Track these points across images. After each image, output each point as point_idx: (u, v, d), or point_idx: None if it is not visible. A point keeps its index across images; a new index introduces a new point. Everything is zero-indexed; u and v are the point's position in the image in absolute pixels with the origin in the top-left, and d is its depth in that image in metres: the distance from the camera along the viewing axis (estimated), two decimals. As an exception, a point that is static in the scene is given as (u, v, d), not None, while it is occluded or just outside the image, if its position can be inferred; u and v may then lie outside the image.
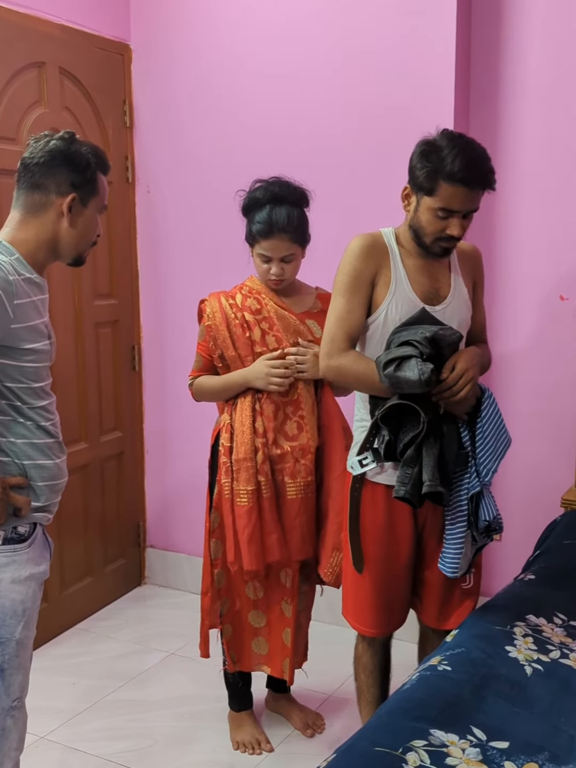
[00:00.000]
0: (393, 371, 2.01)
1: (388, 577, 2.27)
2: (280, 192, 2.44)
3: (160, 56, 3.47)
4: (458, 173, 2.01)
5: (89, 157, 1.85)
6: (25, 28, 3.02)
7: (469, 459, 2.13)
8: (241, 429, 2.45)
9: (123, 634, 3.42)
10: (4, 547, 1.80)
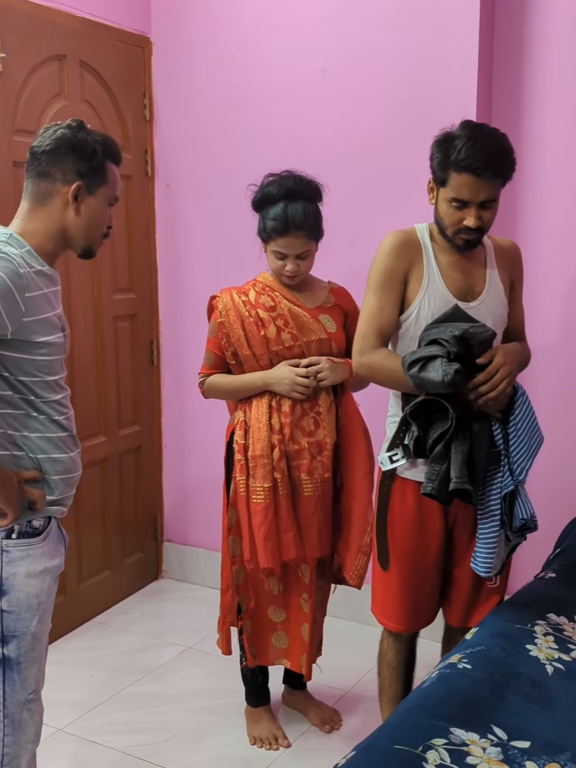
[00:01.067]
0: (417, 372, 1.99)
1: (416, 574, 2.25)
2: (294, 187, 2.41)
3: (181, 49, 3.46)
4: (463, 161, 2.00)
5: (95, 146, 1.83)
6: (46, 21, 3.02)
7: (501, 457, 2.11)
8: (258, 426, 2.43)
9: (140, 628, 3.42)
10: (19, 541, 1.79)
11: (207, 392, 2.56)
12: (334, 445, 2.49)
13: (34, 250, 1.78)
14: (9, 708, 1.79)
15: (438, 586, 2.32)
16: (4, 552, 1.77)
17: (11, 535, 1.78)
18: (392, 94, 3.04)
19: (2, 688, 1.78)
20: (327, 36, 3.14)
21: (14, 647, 1.79)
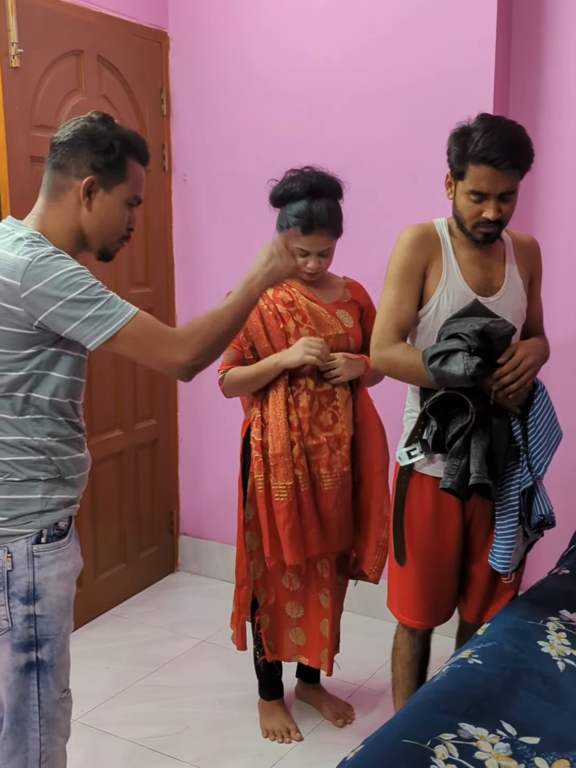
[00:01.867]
0: (438, 365, 1.99)
1: (434, 569, 2.25)
2: (317, 184, 2.41)
3: (198, 44, 3.47)
4: (481, 152, 1.99)
5: (114, 140, 1.75)
6: (64, 17, 3.03)
7: (520, 453, 2.10)
8: (276, 423, 2.43)
9: (155, 620, 3.44)
10: (49, 545, 1.77)
11: (226, 386, 2.53)
12: (352, 440, 2.50)
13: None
14: (44, 709, 1.79)
15: (456, 582, 2.32)
16: (35, 557, 1.75)
17: (41, 540, 1.76)
18: (410, 89, 3.03)
19: (37, 690, 1.78)
20: (345, 30, 3.13)
21: (48, 650, 1.78)
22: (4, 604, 1.74)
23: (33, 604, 1.75)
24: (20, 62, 2.83)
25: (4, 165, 2.85)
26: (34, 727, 1.79)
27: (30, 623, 1.75)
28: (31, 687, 1.77)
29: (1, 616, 1.74)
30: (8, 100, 2.83)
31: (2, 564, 1.73)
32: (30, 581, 1.74)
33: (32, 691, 1.78)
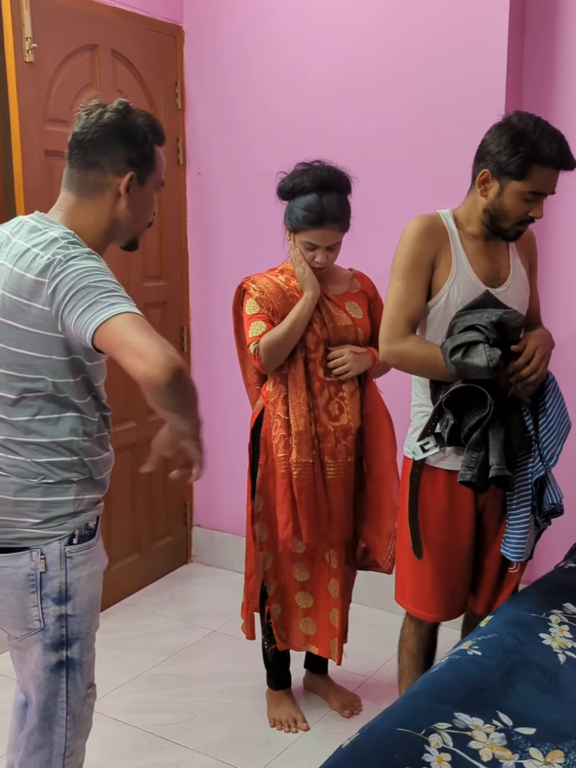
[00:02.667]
0: (460, 358, 1.99)
1: (449, 562, 2.26)
2: (328, 178, 2.41)
3: (213, 38, 3.48)
4: (555, 157, 2.01)
5: (146, 130, 1.73)
6: (78, 11, 3.06)
7: (532, 443, 2.11)
8: (298, 401, 2.45)
9: (168, 611, 3.48)
10: (81, 545, 1.78)
11: (265, 353, 2.42)
12: (358, 431, 2.51)
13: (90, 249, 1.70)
14: (71, 705, 1.82)
15: (470, 574, 2.32)
16: (67, 558, 1.76)
17: (73, 541, 1.76)
18: (421, 84, 3.03)
19: (66, 688, 1.80)
20: (359, 25, 3.13)
21: (77, 649, 1.80)
22: (36, 605, 1.75)
23: (65, 604, 1.76)
24: (34, 57, 2.86)
25: (18, 159, 2.89)
26: (61, 723, 1.82)
27: (61, 623, 1.76)
28: (61, 685, 1.80)
29: (34, 617, 1.75)
30: (22, 95, 2.87)
31: (36, 566, 1.73)
32: (62, 582, 1.75)
33: (61, 688, 1.80)
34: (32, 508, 1.73)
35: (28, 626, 1.76)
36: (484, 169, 2.09)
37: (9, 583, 1.74)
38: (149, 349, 1.50)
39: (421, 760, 1.51)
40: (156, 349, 1.50)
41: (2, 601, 1.76)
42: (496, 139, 2.06)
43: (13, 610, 1.76)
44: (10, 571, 1.73)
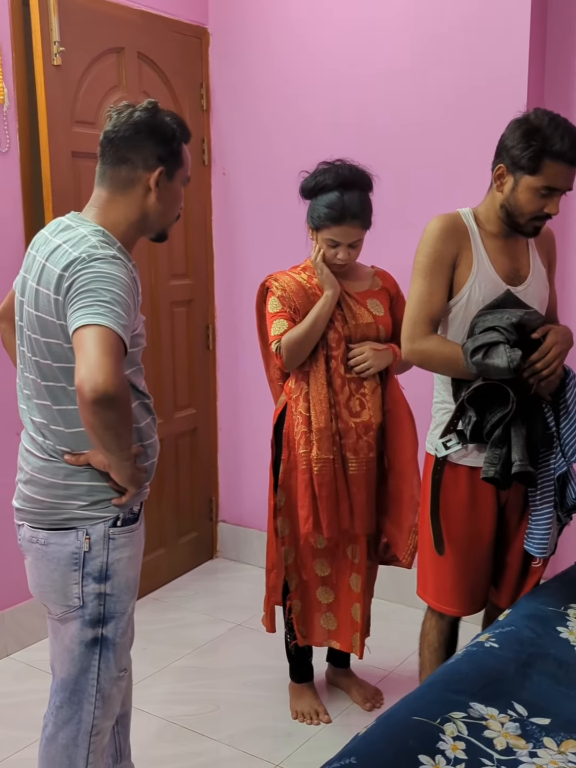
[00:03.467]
0: (481, 359, 2.01)
1: (471, 558, 2.28)
2: (350, 176, 2.44)
3: (237, 40, 3.52)
4: (567, 152, 2.01)
5: (174, 128, 1.81)
6: (105, 15, 3.12)
7: (553, 439, 2.13)
8: (318, 398, 2.48)
9: (193, 605, 3.53)
10: (124, 528, 1.86)
11: (287, 351, 2.46)
12: (379, 426, 2.53)
13: (121, 244, 1.80)
14: (102, 684, 1.89)
15: (491, 570, 2.34)
16: (110, 540, 1.84)
17: (117, 523, 1.84)
18: (444, 80, 3.05)
19: (98, 665, 1.87)
20: (382, 24, 3.16)
21: (112, 628, 1.87)
22: (77, 583, 1.83)
23: (104, 583, 1.84)
24: (62, 60, 2.92)
25: (46, 160, 2.95)
26: (90, 700, 1.88)
27: (100, 601, 1.84)
28: (93, 661, 1.87)
29: (74, 594, 1.84)
30: (50, 98, 2.93)
31: (80, 545, 1.82)
32: (104, 562, 1.83)
33: (93, 665, 1.87)
34: (80, 492, 1.82)
35: (67, 603, 1.84)
36: (500, 164, 2.11)
37: (54, 560, 1.84)
38: (95, 365, 1.59)
39: (435, 747, 1.53)
40: (101, 368, 1.59)
41: (47, 576, 1.85)
42: (512, 134, 2.08)
43: (56, 585, 1.85)
44: (56, 548, 1.83)
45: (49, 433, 1.82)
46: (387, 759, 1.50)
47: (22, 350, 1.86)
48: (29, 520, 1.87)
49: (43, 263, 1.76)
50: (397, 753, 1.51)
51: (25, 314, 1.82)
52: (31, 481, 1.86)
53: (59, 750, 1.89)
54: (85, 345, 1.62)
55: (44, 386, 1.80)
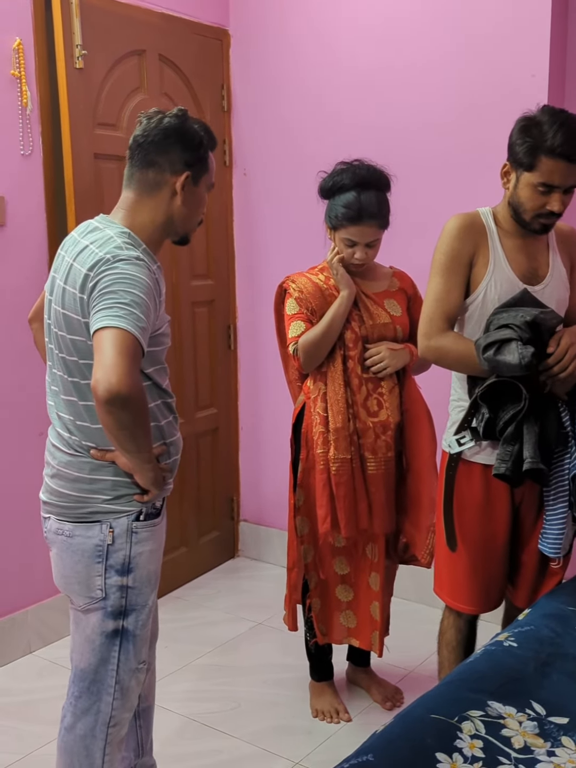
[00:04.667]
0: (493, 355, 2.01)
1: (485, 555, 2.28)
2: (367, 176, 2.45)
3: (258, 41, 3.54)
4: (559, 147, 2.00)
5: (202, 135, 1.87)
6: (127, 18, 3.14)
7: (569, 439, 2.12)
8: (336, 398, 2.49)
9: (214, 603, 3.55)
10: (146, 522, 1.90)
11: (304, 353, 2.49)
12: (397, 426, 2.54)
13: (147, 246, 1.85)
14: (121, 675, 1.92)
15: (506, 568, 2.34)
16: (133, 533, 1.88)
17: (140, 517, 1.89)
18: (465, 78, 3.05)
19: (117, 656, 1.91)
20: (400, 27, 3.16)
21: (133, 620, 1.91)
22: (100, 575, 1.87)
23: (127, 576, 1.88)
24: (84, 63, 2.95)
25: (69, 162, 2.98)
26: (109, 691, 1.92)
27: (122, 594, 1.88)
28: (113, 653, 1.90)
29: (97, 586, 1.88)
30: (73, 100, 2.96)
31: (104, 538, 1.86)
32: (126, 555, 1.87)
33: (113, 656, 1.91)
34: (105, 486, 1.86)
35: (90, 594, 1.88)
36: (506, 161, 2.12)
37: (78, 551, 1.88)
38: (109, 366, 1.64)
39: (453, 745, 1.54)
40: (115, 369, 1.63)
41: (71, 567, 1.90)
42: (515, 130, 2.10)
43: (80, 577, 1.89)
44: (81, 540, 1.87)
45: (76, 429, 1.87)
46: (404, 757, 1.50)
47: (50, 347, 1.91)
48: (55, 513, 1.92)
49: (71, 263, 1.82)
50: (414, 751, 1.51)
51: (53, 312, 1.87)
52: (57, 475, 1.90)
53: (77, 740, 1.93)
54: (102, 346, 1.66)
55: (71, 382, 1.85)
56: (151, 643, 2.08)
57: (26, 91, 2.85)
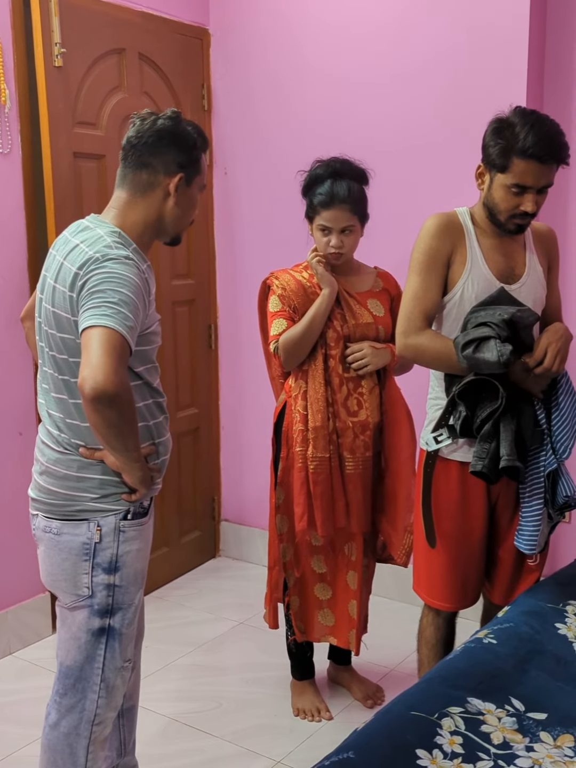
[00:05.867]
0: (472, 353, 2.03)
1: (462, 553, 2.29)
2: (341, 168, 2.49)
3: (238, 40, 3.54)
4: (530, 148, 2.02)
5: (195, 137, 1.89)
6: (106, 16, 3.13)
7: (544, 436, 2.14)
8: (316, 397, 2.50)
9: (196, 603, 3.54)
10: (134, 521, 1.91)
11: (284, 351, 2.50)
12: (376, 426, 2.55)
13: (137, 245, 1.85)
14: (106, 673, 1.92)
15: (483, 565, 2.35)
16: (121, 532, 1.89)
17: (127, 516, 1.89)
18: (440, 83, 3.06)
19: (103, 654, 1.91)
20: (382, 24, 3.17)
21: (119, 618, 1.91)
22: (87, 573, 1.88)
23: (114, 574, 1.89)
24: (63, 61, 2.94)
25: (48, 161, 2.96)
26: (94, 689, 1.92)
27: (109, 592, 1.89)
28: (99, 650, 1.91)
29: (83, 584, 1.88)
30: (52, 99, 2.94)
31: (92, 536, 1.87)
32: (114, 553, 1.88)
33: (99, 654, 1.91)
34: (92, 484, 1.87)
35: (77, 592, 1.89)
36: (480, 162, 2.14)
37: (66, 549, 1.88)
38: (96, 365, 1.65)
39: (432, 742, 1.55)
40: (101, 368, 1.64)
41: (58, 565, 1.90)
42: (488, 132, 2.12)
43: (66, 574, 1.89)
44: (69, 538, 1.88)
45: (65, 426, 1.87)
46: (385, 753, 1.51)
47: (41, 345, 1.91)
48: (43, 511, 1.92)
49: (61, 262, 1.83)
50: (394, 747, 1.52)
51: (43, 310, 1.87)
52: (46, 472, 1.91)
53: (60, 738, 1.92)
54: (89, 345, 1.67)
55: (61, 380, 1.85)
56: (136, 642, 2.08)
57: (5, 89, 2.84)
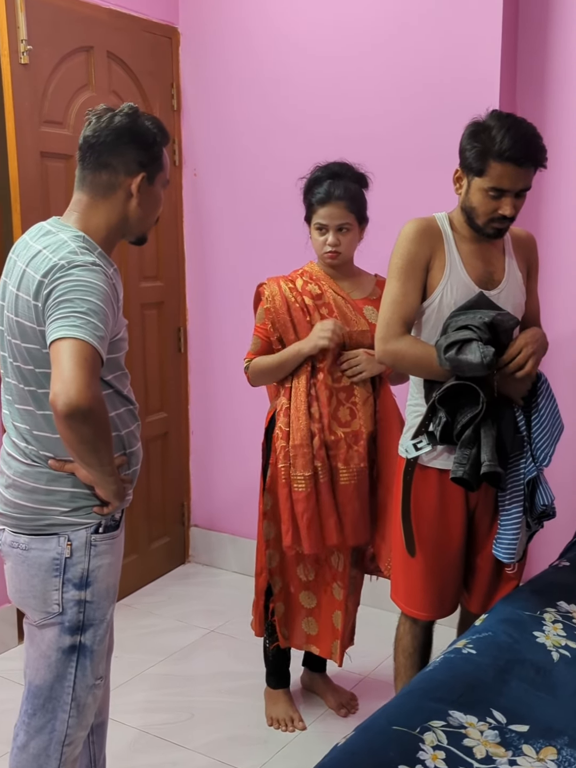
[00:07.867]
0: (455, 354, 2.01)
1: (440, 561, 2.27)
2: (339, 170, 2.49)
3: (208, 39, 3.49)
4: (507, 151, 2.01)
5: (155, 132, 1.81)
6: (73, 13, 3.07)
7: (524, 443, 2.13)
8: (297, 415, 2.46)
9: (165, 611, 3.48)
10: (105, 535, 1.84)
11: (252, 376, 2.56)
12: (370, 436, 2.52)
13: (102, 249, 1.78)
14: (77, 692, 1.86)
15: (461, 574, 2.34)
16: (92, 546, 1.82)
17: (99, 530, 1.83)
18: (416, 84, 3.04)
19: (74, 673, 1.85)
20: (353, 25, 3.14)
21: (91, 635, 1.85)
22: (57, 589, 1.81)
23: (85, 590, 1.82)
24: (29, 59, 2.87)
25: (14, 160, 2.90)
26: (65, 708, 1.85)
27: (80, 608, 1.82)
28: (70, 669, 1.84)
29: (53, 601, 1.81)
30: (18, 97, 2.87)
31: (62, 551, 1.80)
32: (85, 568, 1.82)
33: (70, 672, 1.85)
34: (62, 497, 1.80)
35: (47, 609, 1.82)
36: (458, 166, 2.13)
37: (35, 565, 1.81)
38: (68, 379, 1.58)
39: (415, 757, 1.52)
40: (74, 382, 1.58)
41: (26, 581, 1.83)
42: (465, 136, 2.11)
43: (35, 591, 1.82)
44: (38, 554, 1.81)
45: (32, 438, 1.80)
46: (367, 771, 1.48)
47: (3, 355, 1.84)
48: (10, 525, 1.85)
49: (23, 269, 1.75)
50: (377, 765, 1.49)
51: (6, 319, 1.79)
52: (13, 485, 1.83)
53: (30, 760, 1.86)
54: (60, 358, 1.61)
55: (27, 391, 1.78)
56: (107, 657, 2.02)
57: (-31, 86, 2.77)
